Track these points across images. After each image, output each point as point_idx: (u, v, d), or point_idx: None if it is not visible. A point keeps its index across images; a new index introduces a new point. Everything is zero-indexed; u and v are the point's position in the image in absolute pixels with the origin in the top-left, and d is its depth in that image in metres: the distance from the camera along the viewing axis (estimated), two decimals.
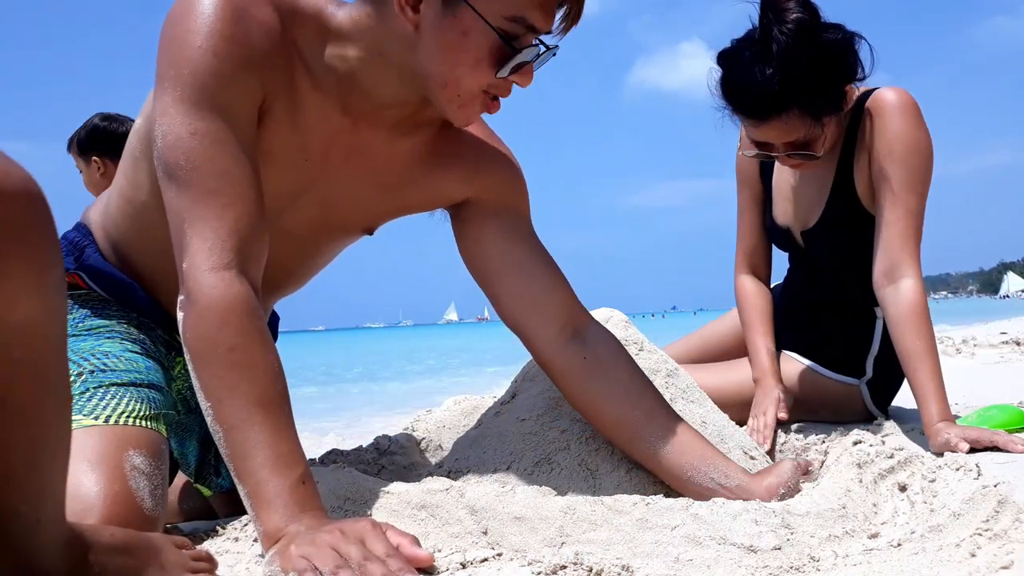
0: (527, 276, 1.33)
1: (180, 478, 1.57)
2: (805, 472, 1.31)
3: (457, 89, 1.12)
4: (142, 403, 1.19)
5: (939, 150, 1.70)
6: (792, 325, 2.02)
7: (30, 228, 0.64)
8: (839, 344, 1.92)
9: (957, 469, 1.16)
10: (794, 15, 1.57)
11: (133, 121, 3.21)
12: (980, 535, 0.96)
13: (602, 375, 1.31)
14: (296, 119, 1.16)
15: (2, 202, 0.62)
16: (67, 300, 0.74)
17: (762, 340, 1.89)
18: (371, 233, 1.39)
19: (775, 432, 1.73)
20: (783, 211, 1.94)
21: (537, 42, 1.12)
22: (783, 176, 1.93)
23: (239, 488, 0.94)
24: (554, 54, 1.15)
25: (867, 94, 1.74)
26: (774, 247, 2.05)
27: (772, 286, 2.07)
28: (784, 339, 2.01)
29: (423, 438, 1.78)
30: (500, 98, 1.16)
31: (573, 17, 1.13)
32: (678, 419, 1.30)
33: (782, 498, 1.21)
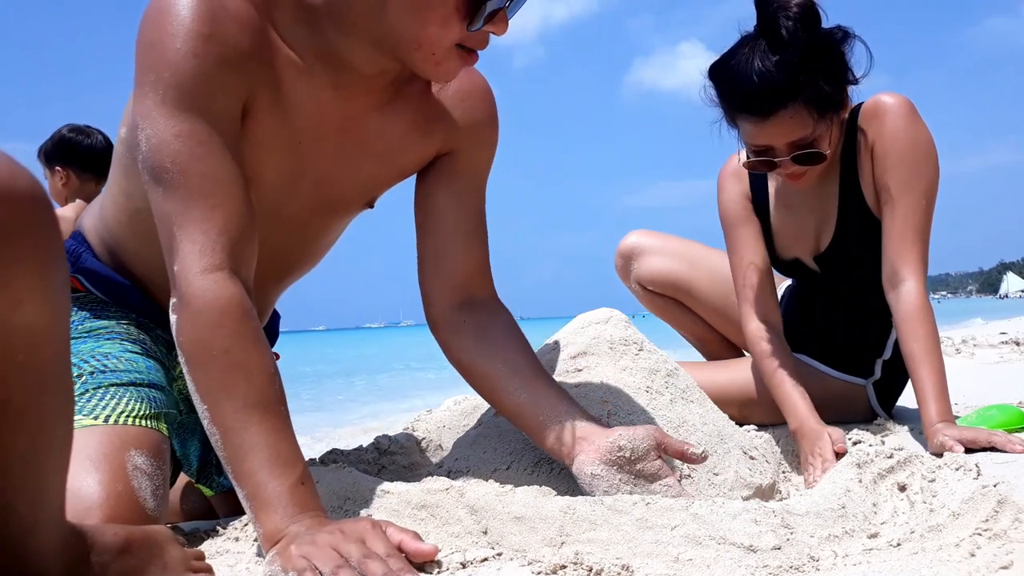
0: (446, 240, 1.31)
1: (181, 478, 1.57)
2: (658, 445, 1.18)
3: (431, 48, 1.09)
4: (142, 403, 1.19)
5: (939, 150, 1.70)
6: (800, 329, 2.00)
7: (35, 230, 0.64)
8: (850, 346, 1.91)
9: (957, 469, 1.16)
10: (796, 2, 1.55)
11: (102, 134, 3.22)
12: (980, 535, 0.96)
13: (477, 335, 1.30)
14: (284, 106, 1.15)
15: (7, 204, 0.62)
16: (71, 302, 0.74)
17: (793, 388, 1.70)
18: (372, 206, 1.38)
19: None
20: (786, 245, 1.90)
21: None
22: (781, 209, 1.88)
23: (238, 490, 0.94)
24: None
25: (861, 105, 1.74)
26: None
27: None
28: (791, 341, 2.00)
29: (423, 438, 1.78)
30: (478, 50, 1.12)
31: None
32: (542, 376, 1.27)
33: (631, 465, 1.16)
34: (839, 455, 1.52)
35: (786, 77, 1.55)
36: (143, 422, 1.16)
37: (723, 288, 2.09)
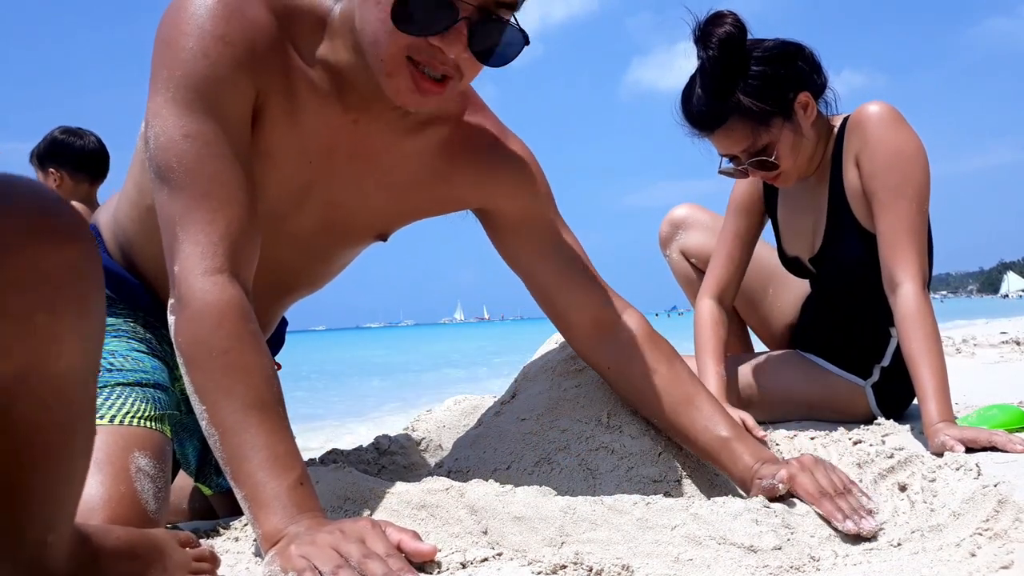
0: (556, 288, 1.37)
1: (187, 479, 1.57)
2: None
3: (379, 53, 1.04)
4: (147, 403, 1.19)
5: (939, 150, 1.73)
6: (807, 328, 2.05)
7: (80, 278, 0.60)
8: (848, 346, 1.93)
9: (957, 469, 1.16)
10: (721, 30, 1.69)
11: (95, 135, 3.23)
12: (980, 535, 0.96)
13: (629, 377, 1.38)
14: (295, 119, 1.14)
15: (54, 251, 0.56)
16: (103, 342, 0.70)
17: (712, 365, 1.85)
18: (384, 239, 1.36)
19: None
20: (790, 241, 1.96)
21: (488, 10, 1.02)
22: (786, 206, 1.95)
23: (236, 491, 0.94)
24: (521, 32, 1.05)
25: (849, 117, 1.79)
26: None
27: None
28: (798, 340, 2.06)
29: (423, 438, 1.78)
30: (440, 78, 1.05)
31: None
32: (700, 418, 1.32)
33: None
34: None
35: (714, 100, 1.72)
36: (147, 423, 1.16)
37: (762, 277, 2.15)
